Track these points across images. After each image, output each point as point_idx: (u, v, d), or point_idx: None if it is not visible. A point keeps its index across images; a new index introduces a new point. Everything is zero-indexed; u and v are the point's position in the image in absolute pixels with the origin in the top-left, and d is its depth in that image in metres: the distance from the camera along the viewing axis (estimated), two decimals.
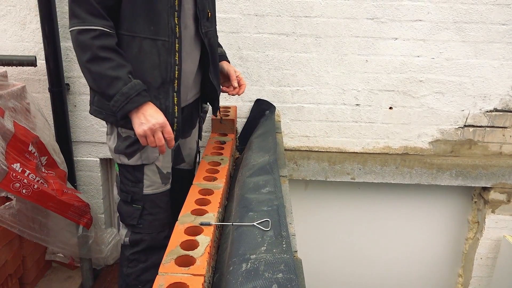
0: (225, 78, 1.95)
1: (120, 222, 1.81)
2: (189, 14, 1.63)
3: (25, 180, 2.05)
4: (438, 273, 3.29)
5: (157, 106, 1.54)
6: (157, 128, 1.48)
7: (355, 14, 2.57)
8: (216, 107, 1.94)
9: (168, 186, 1.81)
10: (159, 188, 1.76)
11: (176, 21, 1.54)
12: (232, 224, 1.49)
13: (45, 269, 2.71)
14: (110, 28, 1.46)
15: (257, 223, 1.38)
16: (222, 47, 2.05)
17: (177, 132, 1.65)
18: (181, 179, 1.99)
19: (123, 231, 1.79)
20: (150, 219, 1.75)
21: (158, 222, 1.77)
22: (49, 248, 2.60)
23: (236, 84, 1.88)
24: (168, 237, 1.66)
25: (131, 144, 1.66)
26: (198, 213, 1.44)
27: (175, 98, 1.61)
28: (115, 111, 1.46)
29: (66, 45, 2.56)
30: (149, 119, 1.46)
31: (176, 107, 1.61)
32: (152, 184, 1.73)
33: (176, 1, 1.53)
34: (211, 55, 1.76)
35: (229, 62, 1.97)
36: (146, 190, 1.73)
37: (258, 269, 1.13)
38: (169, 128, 1.51)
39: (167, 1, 1.51)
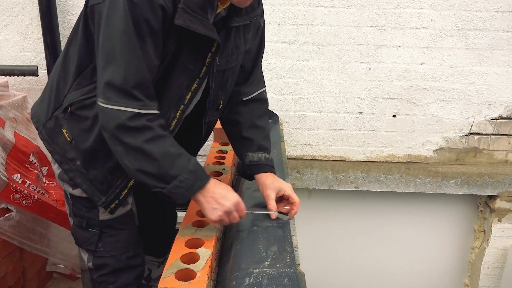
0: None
1: (78, 247, 1.60)
2: (194, 102, 1.43)
3: (26, 191, 2.04)
4: (444, 282, 3.24)
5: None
6: (232, 211, 1.29)
7: (358, 22, 2.55)
8: None
9: (129, 206, 1.58)
10: (119, 211, 1.52)
11: (178, 115, 1.37)
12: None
13: (46, 280, 2.69)
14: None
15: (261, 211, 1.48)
16: (265, 150, 1.58)
17: None
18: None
19: (84, 255, 1.58)
20: (111, 241, 1.54)
21: (121, 244, 1.55)
22: (50, 259, 2.58)
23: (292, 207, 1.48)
24: (132, 257, 1.57)
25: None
26: (199, 224, 1.41)
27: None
28: (179, 194, 1.23)
29: None
30: (222, 202, 1.26)
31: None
32: None
33: (189, 95, 1.35)
34: (203, 142, 1.60)
35: (274, 173, 1.53)
36: (103, 216, 1.49)
37: (261, 283, 1.11)
38: (242, 205, 1.32)
39: (177, 92, 1.33)
